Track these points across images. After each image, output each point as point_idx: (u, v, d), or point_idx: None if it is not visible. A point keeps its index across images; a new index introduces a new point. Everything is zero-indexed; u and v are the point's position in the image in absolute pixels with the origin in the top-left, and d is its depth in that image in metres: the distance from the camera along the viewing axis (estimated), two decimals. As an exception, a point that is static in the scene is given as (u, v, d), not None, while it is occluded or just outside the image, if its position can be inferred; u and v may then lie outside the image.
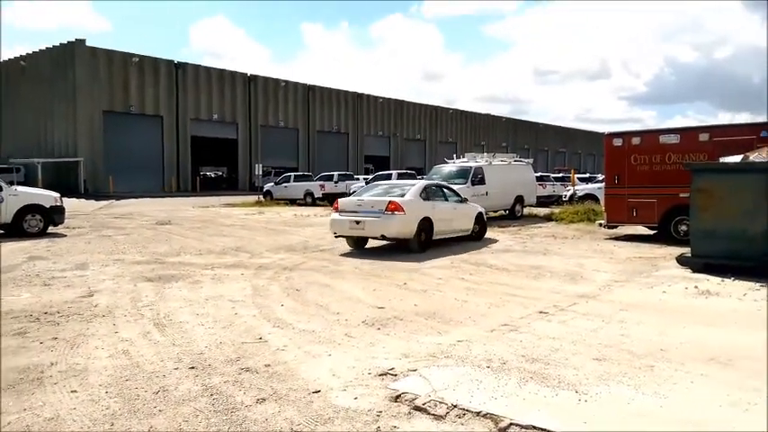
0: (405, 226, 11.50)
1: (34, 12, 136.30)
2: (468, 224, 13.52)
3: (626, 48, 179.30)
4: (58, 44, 40.48)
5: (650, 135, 13.79)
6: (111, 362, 4.96)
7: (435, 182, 14.96)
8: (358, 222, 11.58)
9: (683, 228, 12.66)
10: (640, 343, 5.42)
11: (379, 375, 4.63)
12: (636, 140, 13.72)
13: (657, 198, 13.24)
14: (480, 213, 14.11)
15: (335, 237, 12.44)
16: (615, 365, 4.78)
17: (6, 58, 45.69)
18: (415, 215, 11.65)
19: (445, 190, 13.58)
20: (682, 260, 9.59)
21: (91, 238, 14.17)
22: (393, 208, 11.36)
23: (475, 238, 13.76)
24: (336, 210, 12.21)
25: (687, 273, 9.09)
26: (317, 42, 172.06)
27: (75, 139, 38.94)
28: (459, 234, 13.23)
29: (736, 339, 5.53)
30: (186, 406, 4.03)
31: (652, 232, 14.22)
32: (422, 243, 11.81)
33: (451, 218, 12.85)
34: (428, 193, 12.56)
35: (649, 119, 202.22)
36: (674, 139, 13.24)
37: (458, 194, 13.91)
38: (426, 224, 11.91)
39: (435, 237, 12.23)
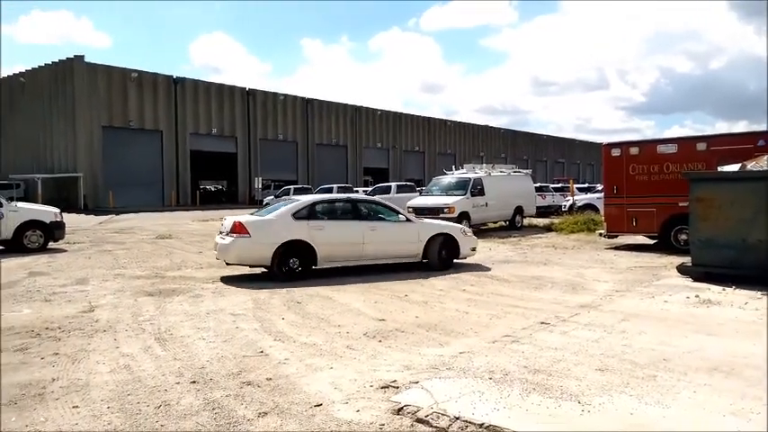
0: (249, 251, 9.77)
1: (36, 28, 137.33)
2: (408, 249, 10.93)
3: (623, 59, 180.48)
4: (57, 61, 40.68)
5: (648, 145, 13.86)
6: (112, 377, 4.96)
7: (347, 196, 12.74)
8: (216, 245, 10.21)
9: (684, 237, 12.68)
10: (642, 353, 5.42)
11: (381, 388, 4.62)
12: (634, 150, 13.78)
13: (657, 207, 13.28)
14: (440, 235, 11.15)
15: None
16: (617, 376, 4.78)
17: (6, 75, 46.00)
18: (270, 239, 9.74)
19: (362, 206, 11.13)
20: (682, 269, 9.60)
21: (91, 253, 14.16)
22: (236, 230, 9.77)
23: (434, 266, 10.94)
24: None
25: (688, 282, 9.09)
26: (316, 57, 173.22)
27: (75, 155, 39.03)
28: (390, 261, 10.85)
29: (739, 348, 5.52)
30: (188, 420, 4.02)
31: (652, 242, 14.24)
32: (288, 272, 9.81)
33: (361, 241, 10.44)
34: (313, 212, 10.38)
35: (647, 129, 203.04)
36: (671, 148, 13.30)
37: (392, 211, 11.23)
38: (301, 249, 9.94)
39: (325, 264, 10.29)
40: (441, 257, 11.05)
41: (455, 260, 11.37)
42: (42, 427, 3.93)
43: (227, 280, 9.95)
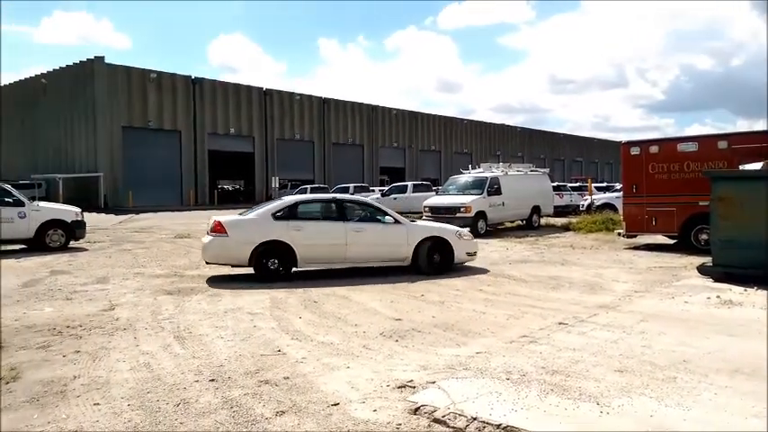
0: (226, 251, 9.80)
1: (57, 30, 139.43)
2: (395, 252, 10.49)
3: (642, 56, 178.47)
4: (77, 62, 41.27)
5: (668, 143, 13.69)
6: (132, 375, 5.02)
7: (333, 196, 12.09)
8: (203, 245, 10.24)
9: (704, 236, 12.52)
10: (662, 354, 5.36)
11: (398, 388, 4.62)
12: (654, 149, 13.62)
13: (677, 207, 13.11)
14: (432, 239, 10.55)
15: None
16: (637, 377, 4.73)
17: (28, 76, 46.70)
18: (248, 238, 9.69)
19: (347, 206, 10.82)
20: (703, 270, 9.47)
21: (111, 252, 14.35)
22: (215, 229, 9.83)
23: (424, 271, 10.36)
24: None
25: (709, 282, 8.97)
26: (333, 56, 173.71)
27: (96, 155, 39.56)
28: (376, 264, 10.54)
29: (761, 350, 5.42)
30: (207, 418, 4.06)
31: (672, 241, 14.07)
32: (269, 272, 9.73)
33: (343, 243, 10.14)
34: (295, 212, 10.23)
35: (667, 127, 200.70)
36: (692, 147, 13.12)
37: (380, 212, 10.83)
38: (281, 250, 9.80)
39: (306, 266, 10.14)
40: (432, 262, 10.49)
41: (455, 264, 10.78)
42: (64, 425, 3.99)
43: (244, 279, 10.01)
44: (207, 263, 10.36)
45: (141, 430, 3.89)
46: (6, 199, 13.95)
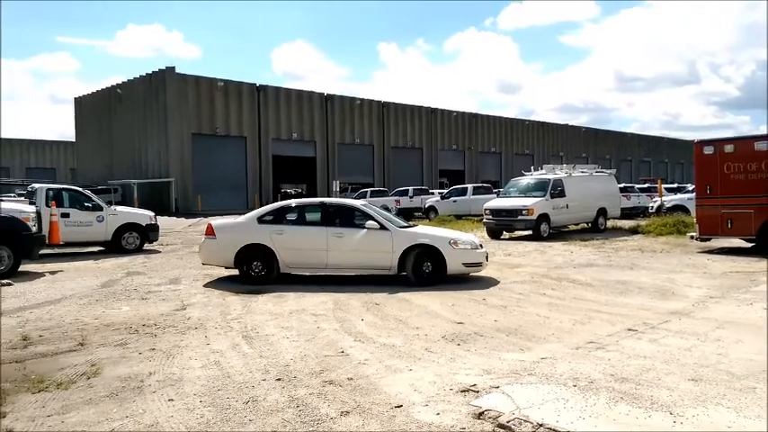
0: (214, 253, 10.32)
1: (131, 43, 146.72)
2: (379, 259, 9.90)
3: (714, 51, 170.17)
4: (150, 72, 43.25)
5: (744, 142, 13.02)
6: (203, 372, 5.22)
7: (320, 201, 11.44)
8: None
9: (786, 240, 11.82)
10: (740, 363, 5.10)
11: (461, 392, 4.60)
12: (729, 148, 12.99)
13: (754, 208, 12.46)
14: (419, 246, 9.78)
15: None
16: (713, 386, 4.53)
17: (105, 87, 49.31)
18: (233, 241, 10.04)
19: (332, 211, 10.43)
20: (785, 275, 8.95)
21: (183, 254, 14.94)
22: (207, 232, 10.40)
23: (410, 281, 9.69)
24: None
25: (791, 288, 8.47)
26: (392, 60, 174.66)
27: (167, 161, 41.28)
28: (359, 272, 10.12)
29: None
30: (274, 416, 4.17)
31: (749, 245, 13.36)
32: (256, 277, 9.92)
33: (324, 248, 9.93)
34: (279, 216, 10.37)
35: (743, 124, 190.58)
36: (771, 145, 12.42)
37: (367, 217, 10.11)
38: (265, 253, 9.94)
39: (288, 270, 10.10)
40: (419, 271, 9.74)
41: (448, 275, 9.87)
42: (141, 419, 4.19)
43: (307, 281, 10.21)
44: (202, 264, 10.86)
45: (213, 426, 4.04)
46: (86, 204, 14.86)
